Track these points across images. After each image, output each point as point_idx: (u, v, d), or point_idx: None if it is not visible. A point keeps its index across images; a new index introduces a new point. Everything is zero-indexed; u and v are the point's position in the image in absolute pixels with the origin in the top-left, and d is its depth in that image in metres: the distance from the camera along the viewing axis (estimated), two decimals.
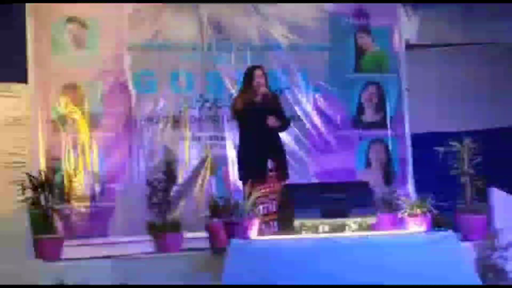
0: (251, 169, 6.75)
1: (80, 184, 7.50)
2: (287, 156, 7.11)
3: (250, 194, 6.38)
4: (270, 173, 6.76)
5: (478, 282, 5.73)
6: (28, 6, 7.47)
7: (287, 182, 6.81)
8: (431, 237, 6.01)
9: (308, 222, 6.03)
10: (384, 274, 5.56)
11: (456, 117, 8.21)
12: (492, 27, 8.24)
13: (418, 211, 6.38)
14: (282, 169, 6.84)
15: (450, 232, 6.00)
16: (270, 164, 6.77)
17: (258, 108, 6.77)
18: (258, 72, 6.85)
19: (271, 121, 6.74)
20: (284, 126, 7.00)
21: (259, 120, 6.72)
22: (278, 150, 6.87)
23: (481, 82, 8.31)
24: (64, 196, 6.94)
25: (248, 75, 6.88)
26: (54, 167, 6.94)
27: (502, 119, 8.21)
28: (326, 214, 6.07)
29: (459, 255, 5.90)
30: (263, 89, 6.80)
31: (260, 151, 6.74)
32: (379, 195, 7.13)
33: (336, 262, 5.61)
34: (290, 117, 7.34)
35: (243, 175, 6.84)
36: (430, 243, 5.92)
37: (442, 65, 8.42)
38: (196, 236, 6.93)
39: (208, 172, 7.85)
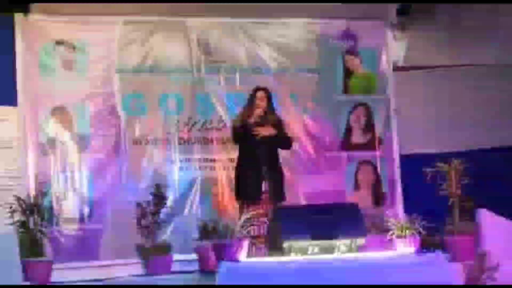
0: (246, 189, 6.77)
1: (69, 207, 7.49)
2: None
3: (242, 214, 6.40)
4: (264, 195, 6.77)
5: None
6: (17, 28, 7.50)
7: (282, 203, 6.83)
8: (420, 258, 6.03)
9: (297, 243, 6.04)
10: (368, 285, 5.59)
11: (444, 138, 8.24)
12: (478, 49, 8.30)
13: (407, 232, 6.40)
14: (277, 191, 6.84)
15: (438, 253, 6.02)
16: (264, 185, 6.78)
17: (254, 129, 6.79)
18: (259, 94, 6.92)
19: (266, 130, 6.73)
20: (284, 143, 7.01)
21: (255, 141, 6.74)
22: (275, 171, 6.88)
23: (468, 103, 8.35)
24: (53, 219, 6.92)
25: (251, 96, 6.93)
26: (43, 190, 6.90)
27: (490, 139, 8.24)
28: (315, 236, 6.07)
29: (448, 276, 5.91)
30: (258, 111, 6.83)
31: (256, 171, 6.75)
32: (368, 216, 7.14)
33: (325, 284, 5.62)
34: (291, 137, 7.34)
35: (239, 196, 6.85)
36: (419, 264, 5.94)
37: (430, 86, 8.46)
38: (185, 259, 6.92)
39: (197, 194, 7.86)
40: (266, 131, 6.80)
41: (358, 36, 8.55)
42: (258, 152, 6.77)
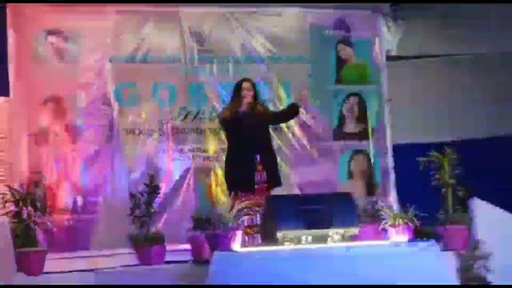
0: (238, 179, 6.79)
1: (62, 197, 7.48)
2: None
3: (235, 205, 6.40)
4: (259, 184, 6.78)
5: None
6: (9, 19, 7.46)
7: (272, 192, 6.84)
8: (413, 247, 6.04)
9: (291, 233, 6.04)
10: (367, 285, 5.59)
11: (437, 127, 8.26)
12: (472, 38, 8.31)
13: (400, 221, 6.42)
14: (274, 177, 6.86)
15: (432, 242, 6.03)
16: (259, 174, 6.79)
17: (244, 118, 6.83)
18: (245, 84, 6.95)
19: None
20: (291, 113, 7.13)
21: (245, 129, 6.77)
22: (268, 159, 6.90)
23: (462, 93, 8.37)
24: (46, 209, 6.89)
25: (237, 87, 6.96)
26: (36, 180, 6.90)
27: (484, 129, 8.26)
28: (308, 225, 6.08)
29: (441, 265, 5.93)
30: (247, 100, 6.87)
31: (247, 161, 6.77)
32: (362, 206, 7.15)
33: (319, 273, 5.62)
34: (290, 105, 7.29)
35: (230, 186, 6.87)
36: (412, 253, 5.95)
37: (423, 76, 8.48)
38: (179, 249, 6.92)
39: (191, 184, 7.85)
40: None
41: (351, 26, 8.55)
42: (250, 141, 6.78)
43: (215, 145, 7.94)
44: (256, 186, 6.75)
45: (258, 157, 6.79)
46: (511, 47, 8.18)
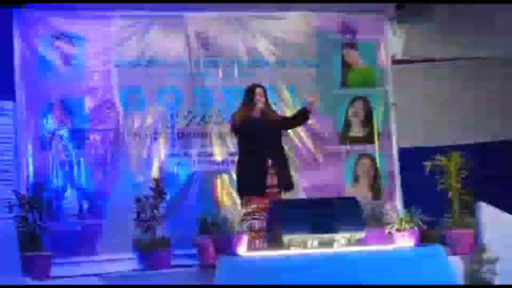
0: (250, 183, 6.80)
1: (68, 202, 7.48)
2: None
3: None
4: (271, 188, 6.79)
5: None
6: (15, 23, 7.48)
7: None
8: (419, 251, 6.04)
9: (297, 237, 6.04)
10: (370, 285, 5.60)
11: (443, 131, 8.24)
12: (477, 42, 8.30)
13: (406, 225, 6.41)
14: (285, 181, 6.88)
15: (438, 247, 6.03)
16: (271, 178, 6.81)
17: (257, 123, 6.87)
18: (258, 90, 7.01)
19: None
20: (303, 118, 7.21)
21: (257, 134, 6.82)
22: (280, 163, 6.91)
23: (467, 97, 8.35)
24: (52, 213, 6.91)
25: (249, 92, 7.01)
26: (41, 185, 6.90)
27: (490, 133, 8.24)
28: (314, 230, 6.08)
29: (447, 269, 5.92)
30: (260, 106, 6.92)
31: (259, 165, 6.78)
32: (367, 210, 7.15)
33: (324, 277, 5.62)
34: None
35: (242, 190, 6.87)
36: (418, 257, 5.95)
37: (428, 80, 8.46)
38: (185, 253, 6.92)
39: (196, 188, 7.86)
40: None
41: (356, 30, 8.53)
42: (262, 145, 6.80)
43: (220, 149, 7.95)
44: (267, 190, 6.77)
45: (270, 161, 6.82)
46: None
